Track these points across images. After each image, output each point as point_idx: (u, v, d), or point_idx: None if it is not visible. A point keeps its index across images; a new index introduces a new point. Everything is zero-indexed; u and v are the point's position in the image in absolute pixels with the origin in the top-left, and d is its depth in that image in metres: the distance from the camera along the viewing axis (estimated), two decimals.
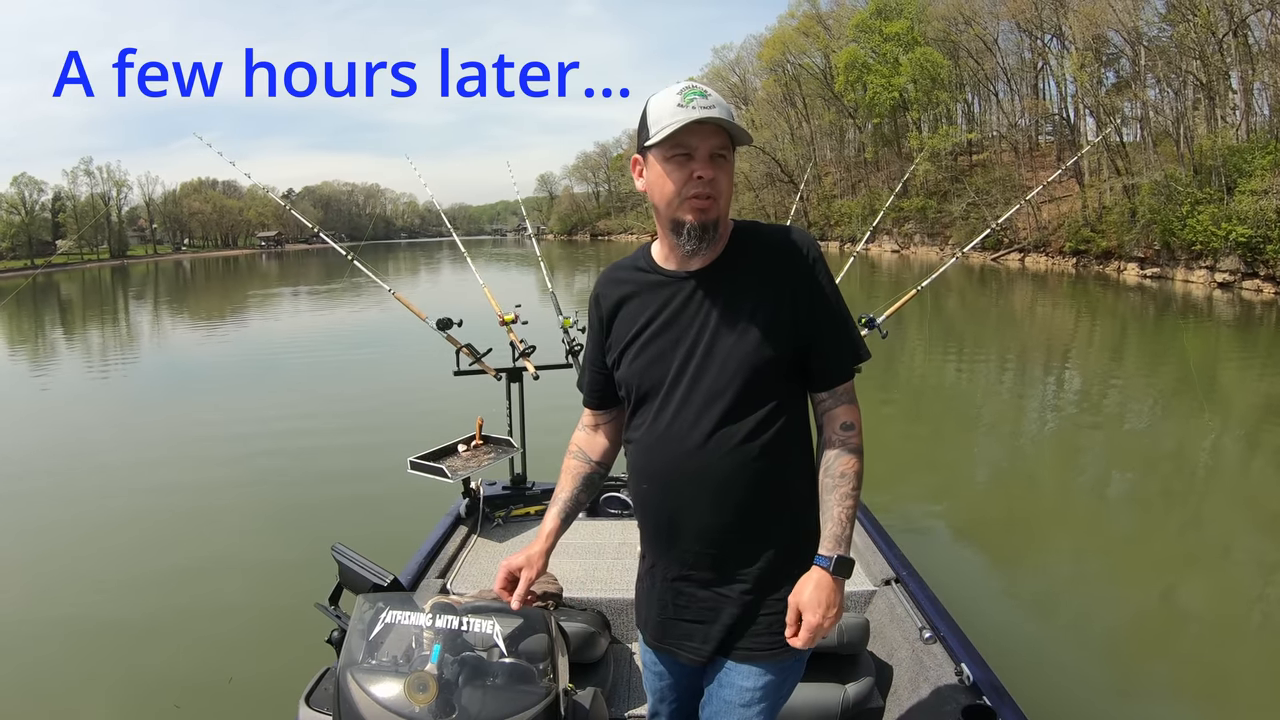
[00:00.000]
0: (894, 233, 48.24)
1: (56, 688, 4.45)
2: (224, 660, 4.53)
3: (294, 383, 13.38)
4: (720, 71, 71.98)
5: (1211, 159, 27.57)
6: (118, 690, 4.39)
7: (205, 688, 4.27)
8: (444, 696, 1.82)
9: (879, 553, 3.67)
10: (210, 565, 5.91)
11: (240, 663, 4.49)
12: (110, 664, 4.64)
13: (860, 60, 51.29)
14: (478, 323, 4.55)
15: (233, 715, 4.05)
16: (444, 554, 3.78)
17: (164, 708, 4.18)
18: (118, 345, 21.70)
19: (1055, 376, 13.58)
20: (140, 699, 4.29)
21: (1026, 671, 3.71)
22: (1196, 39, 29.65)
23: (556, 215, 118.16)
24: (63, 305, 37.67)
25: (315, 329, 21.29)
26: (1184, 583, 5.72)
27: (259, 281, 50.61)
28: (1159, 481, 8.10)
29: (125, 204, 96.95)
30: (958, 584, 4.85)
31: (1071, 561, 6.04)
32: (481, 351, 4.48)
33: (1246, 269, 24.58)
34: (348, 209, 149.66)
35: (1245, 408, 11.15)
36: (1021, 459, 9.00)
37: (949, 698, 2.65)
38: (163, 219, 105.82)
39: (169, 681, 4.39)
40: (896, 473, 8.20)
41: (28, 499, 7.72)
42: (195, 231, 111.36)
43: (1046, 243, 36.32)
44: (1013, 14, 41.91)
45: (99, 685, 4.44)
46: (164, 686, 4.34)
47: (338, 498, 7.34)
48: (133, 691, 4.37)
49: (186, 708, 4.13)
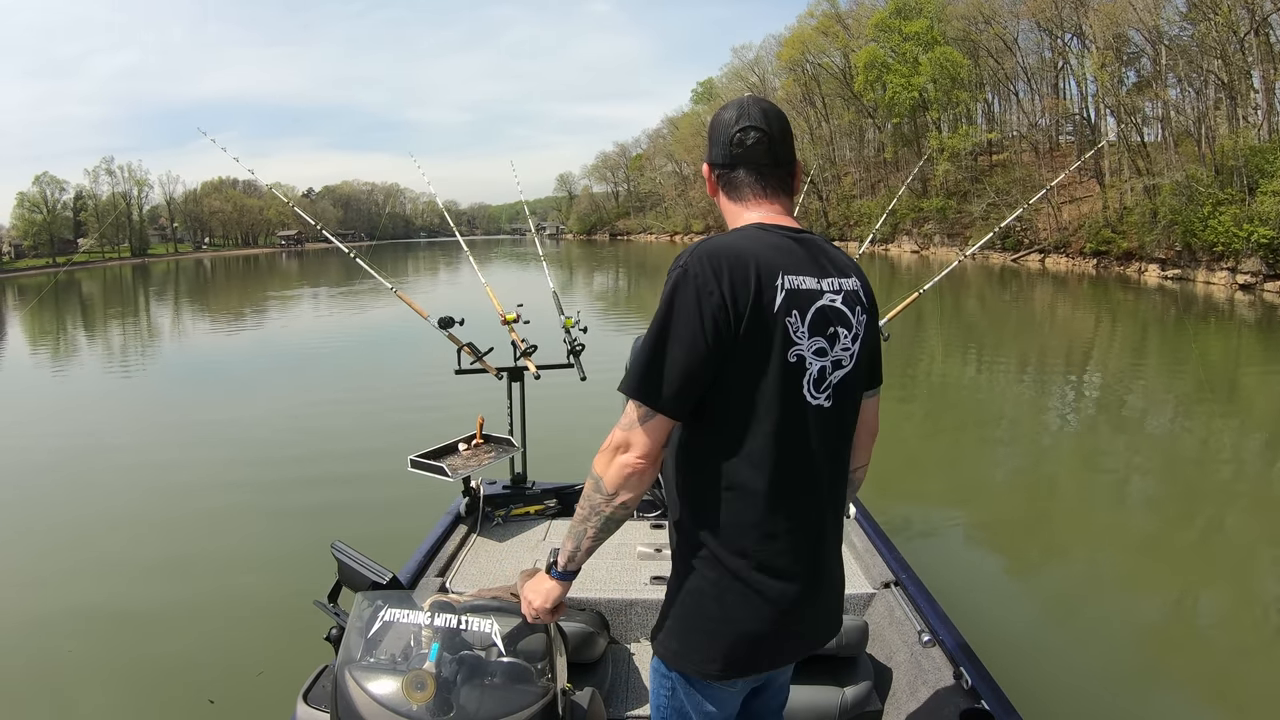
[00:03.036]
0: (914, 233, 48.07)
1: (57, 680, 4.49)
2: (222, 656, 4.57)
3: (295, 382, 13.46)
4: (739, 71, 72.06)
5: (1233, 159, 27.29)
6: (118, 683, 4.43)
7: (204, 684, 4.29)
8: (442, 695, 1.83)
9: (878, 555, 3.66)
10: (209, 561, 5.95)
11: (238, 659, 4.52)
12: (111, 657, 4.68)
13: (880, 60, 51.10)
14: (479, 322, 4.57)
15: (231, 712, 4.07)
16: (443, 552, 3.79)
17: (163, 701, 4.23)
18: (137, 343, 21.89)
19: (1070, 379, 13.46)
20: (140, 693, 4.33)
21: (1026, 676, 3.70)
22: (1218, 38, 29.37)
23: (576, 215, 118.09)
24: (84, 303, 38.02)
25: (325, 329, 21.37)
26: (1187, 589, 5.68)
27: (278, 281, 50.87)
28: (1162, 485, 8.03)
29: (146, 203, 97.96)
30: (957, 587, 4.82)
31: (1073, 566, 6.00)
32: (483, 350, 4.50)
33: (1269, 270, 24.33)
34: (367, 208, 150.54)
35: (1267, 411, 11.04)
36: (1025, 463, 8.94)
37: (948, 701, 2.65)
38: (183, 218, 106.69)
39: (168, 676, 4.43)
40: (901, 474, 8.17)
41: (38, 493, 7.81)
42: (216, 230, 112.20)
43: (1067, 243, 36.08)
44: (1033, 13, 41.66)
45: (100, 678, 4.49)
46: (162, 681, 4.38)
47: (337, 495, 7.35)
48: (133, 685, 4.40)
49: (186, 704, 4.15)
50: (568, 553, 1.78)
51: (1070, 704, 4.04)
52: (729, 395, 1.67)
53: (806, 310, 1.68)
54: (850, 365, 1.76)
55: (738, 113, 1.80)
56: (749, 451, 1.68)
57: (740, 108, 1.81)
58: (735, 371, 1.65)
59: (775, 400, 1.67)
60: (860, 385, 1.83)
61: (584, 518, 1.73)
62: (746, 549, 1.71)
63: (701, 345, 1.61)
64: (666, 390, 1.63)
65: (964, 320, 21.37)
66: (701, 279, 1.61)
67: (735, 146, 1.79)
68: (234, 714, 4.07)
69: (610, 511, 1.70)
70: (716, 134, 1.84)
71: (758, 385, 1.66)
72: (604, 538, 1.75)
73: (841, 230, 55.26)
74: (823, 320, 1.71)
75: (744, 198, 1.81)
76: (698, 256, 1.64)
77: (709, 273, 1.61)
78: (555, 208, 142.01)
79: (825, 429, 1.73)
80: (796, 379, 1.68)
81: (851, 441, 1.87)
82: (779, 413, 1.67)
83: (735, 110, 1.81)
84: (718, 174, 1.85)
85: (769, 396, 1.66)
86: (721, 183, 1.85)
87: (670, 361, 1.63)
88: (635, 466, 1.65)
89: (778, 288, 1.65)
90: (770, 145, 1.79)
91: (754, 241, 1.70)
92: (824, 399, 1.72)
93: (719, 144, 1.82)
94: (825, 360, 1.71)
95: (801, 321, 1.67)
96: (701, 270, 1.62)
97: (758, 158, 1.79)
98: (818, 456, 1.73)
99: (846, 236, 53.79)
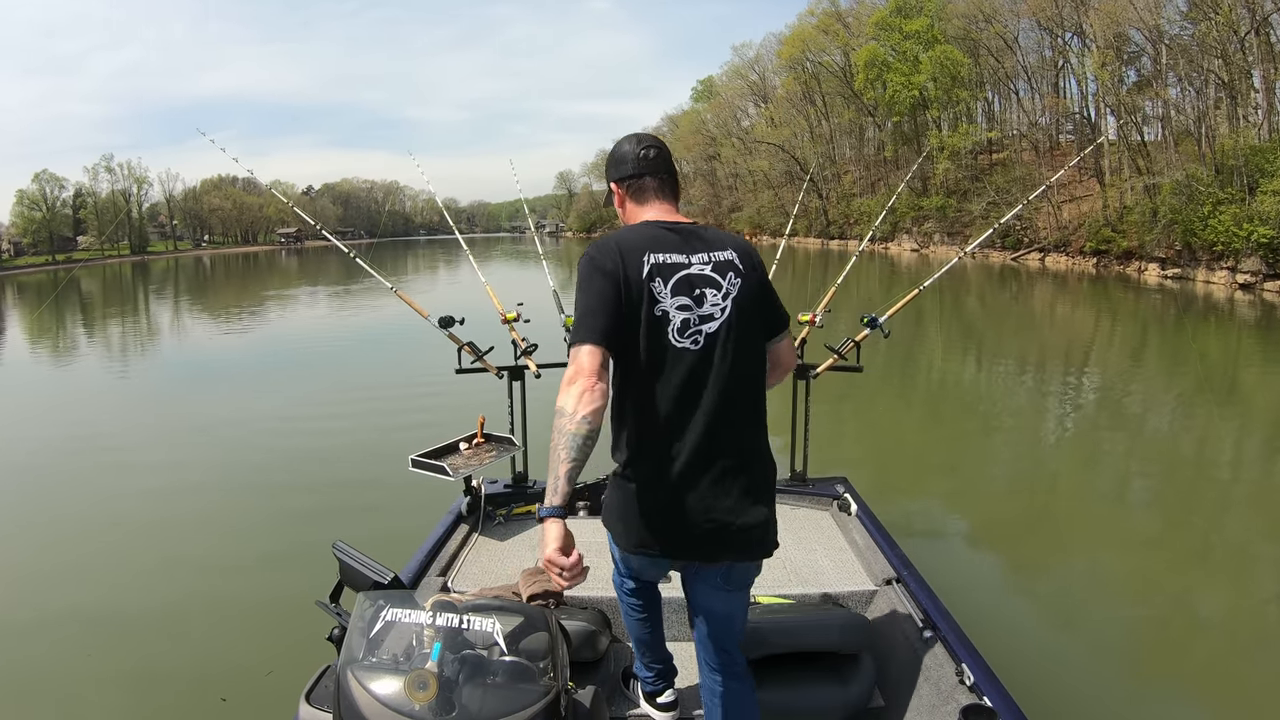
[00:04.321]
0: (913, 232, 48.03)
1: (56, 680, 4.49)
2: (225, 658, 4.57)
3: (295, 383, 13.37)
4: (739, 69, 72.07)
5: (1233, 159, 27.29)
6: (118, 684, 4.43)
7: (205, 686, 4.29)
8: (444, 694, 1.83)
9: (880, 552, 3.68)
10: (210, 561, 5.91)
11: (241, 659, 4.52)
12: (111, 658, 4.67)
13: (880, 58, 51.08)
14: (479, 321, 4.58)
15: (234, 712, 4.07)
16: (445, 552, 3.78)
17: (164, 703, 4.22)
18: (135, 342, 21.84)
19: (1070, 377, 13.46)
20: (140, 694, 4.32)
21: (1027, 672, 3.70)
22: (1218, 37, 29.36)
23: (575, 213, 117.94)
24: (83, 300, 37.97)
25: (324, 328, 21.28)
26: (1188, 586, 5.69)
27: (278, 279, 50.81)
28: (1162, 483, 8.03)
29: (146, 200, 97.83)
30: (959, 584, 4.84)
31: (1074, 563, 6.00)
32: (483, 350, 4.50)
33: (1268, 270, 24.33)
34: (367, 205, 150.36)
35: (1266, 410, 11.05)
36: (1030, 462, 8.94)
37: (949, 697, 2.66)
38: (183, 215, 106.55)
39: (168, 678, 4.42)
40: (903, 471, 8.20)
41: (36, 494, 7.81)
42: (215, 228, 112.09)
43: (1067, 242, 36.07)
44: (1033, 11, 41.62)
45: (100, 678, 4.49)
46: (162, 683, 4.38)
47: (339, 495, 7.32)
48: (132, 686, 4.39)
49: (187, 706, 4.16)
50: (551, 488, 2.12)
51: (1071, 699, 4.05)
52: (626, 345, 2.26)
53: (669, 277, 2.29)
54: (721, 317, 2.32)
55: (638, 141, 2.52)
56: (635, 384, 2.30)
57: (639, 138, 2.53)
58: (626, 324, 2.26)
59: (646, 344, 2.27)
60: (738, 333, 2.34)
61: (555, 446, 2.12)
62: (639, 458, 2.33)
63: (605, 297, 2.25)
64: (591, 329, 2.22)
65: (964, 318, 21.37)
66: (599, 259, 2.30)
67: (643, 161, 2.47)
68: (236, 715, 4.07)
69: (574, 428, 2.10)
70: (624, 156, 2.50)
71: (637, 334, 2.26)
72: (578, 460, 2.11)
73: (841, 228, 55.26)
74: (687, 284, 2.31)
75: (648, 200, 2.47)
76: (596, 247, 2.35)
77: (603, 255, 2.30)
78: (555, 205, 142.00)
79: (692, 367, 2.29)
80: (662, 328, 2.27)
81: (739, 374, 2.34)
82: (647, 354, 2.27)
83: (635, 140, 2.52)
84: (628, 184, 2.49)
85: (643, 342, 2.27)
86: (630, 190, 2.49)
87: (588, 312, 2.25)
88: (584, 385, 2.13)
89: (644, 262, 2.29)
90: (665, 160, 2.50)
91: (633, 233, 2.37)
92: (689, 343, 2.29)
93: (628, 162, 2.49)
94: (689, 314, 2.29)
95: (665, 285, 2.28)
96: (599, 254, 2.31)
97: (659, 169, 2.48)
98: (686, 387, 2.28)
99: (846, 234, 53.81)
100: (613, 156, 2.55)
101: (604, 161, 2.67)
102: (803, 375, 4.62)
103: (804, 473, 4.67)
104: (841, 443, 9.12)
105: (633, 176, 2.47)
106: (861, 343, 4.48)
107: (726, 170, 73.75)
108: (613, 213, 2.57)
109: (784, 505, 4.51)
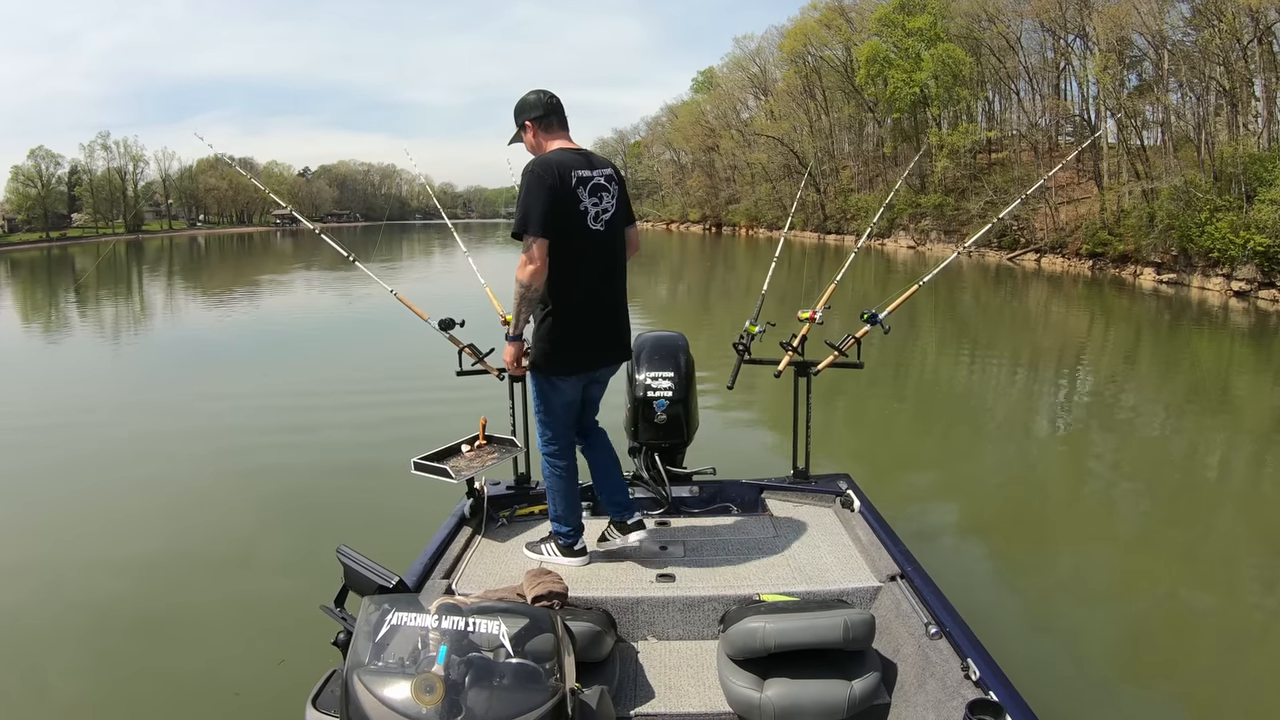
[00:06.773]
0: (911, 229, 47.99)
1: (57, 686, 4.46)
2: (228, 662, 4.55)
3: (295, 382, 13.19)
4: (740, 61, 71.78)
5: (1232, 166, 27.29)
6: (120, 691, 4.40)
7: (209, 690, 4.29)
8: (451, 698, 1.83)
9: (884, 549, 3.69)
10: (214, 567, 5.84)
11: (246, 665, 4.51)
12: (113, 666, 4.65)
13: (882, 54, 50.92)
14: (479, 322, 4.58)
15: (239, 718, 4.08)
16: (449, 555, 3.77)
17: (167, 710, 4.22)
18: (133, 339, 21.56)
19: (1067, 379, 13.51)
20: (143, 702, 4.31)
21: (1033, 667, 3.73)
22: (1221, 45, 29.32)
23: None
24: (76, 278, 37.70)
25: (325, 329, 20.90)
26: (1192, 586, 5.73)
27: (272, 261, 50.52)
28: (1169, 486, 8.06)
29: (141, 179, 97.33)
30: (964, 580, 4.89)
31: (1079, 560, 6.05)
32: (483, 351, 4.49)
33: (1264, 278, 24.35)
34: (363, 189, 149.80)
35: (1257, 417, 11.10)
36: (1030, 459, 8.98)
37: (955, 693, 2.66)
38: (179, 194, 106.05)
39: (168, 681, 4.41)
40: (905, 469, 8.22)
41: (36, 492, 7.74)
42: (211, 208, 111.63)
43: (1063, 244, 36.06)
44: (1037, 13, 41.48)
45: (103, 684, 4.47)
46: (162, 687, 4.37)
47: (341, 499, 7.26)
48: (136, 694, 4.37)
49: (189, 711, 4.16)
50: (516, 328, 3.55)
51: (1077, 695, 4.09)
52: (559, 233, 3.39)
53: (586, 184, 3.45)
54: (613, 209, 3.56)
55: (540, 92, 3.58)
56: (565, 256, 3.43)
57: (539, 90, 3.59)
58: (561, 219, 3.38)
59: (575, 229, 3.44)
60: (620, 223, 3.65)
61: (518, 305, 3.47)
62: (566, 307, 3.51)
63: (549, 202, 3.35)
64: (535, 223, 3.35)
65: (959, 317, 21.42)
66: (545, 175, 3.38)
67: (549, 105, 3.57)
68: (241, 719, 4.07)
69: (529, 295, 3.43)
70: (534, 102, 3.57)
71: (568, 225, 3.40)
72: (530, 312, 3.53)
73: (839, 223, 55.18)
74: (596, 189, 3.49)
75: (554, 134, 3.58)
76: (539, 163, 3.43)
77: (546, 172, 3.38)
78: None
79: (601, 243, 3.55)
80: (584, 219, 3.46)
81: (621, 246, 3.71)
82: (576, 235, 3.44)
83: (537, 92, 3.58)
84: (539, 120, 3.57)
85: (572, 229, 3.43)
86: (541, 125, 3.58)
87: (532, 210, 3.36)
88: (534, 266, 3.37)
89: (572, 175, 3.40)
90: (560, 104, 3.61)
91: (559, 156, 3.47)
92: (600, 227, 3.52)
93: (538, 107, 3.57)
94: (598, 208, 3.49)
95: (584, 189, 3.45)
96: (544, 171, 3.39)
97: (558, 110, 3.61)
98: (601, 258, 3.56)
99: (844, 229, 53.73)
100: (523, 103, 3.59)
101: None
102: (804, 372, 4.64)
103: (806, 470, 4.69)
104: (843, 440, 9.15)
105: (542, 116, 3.57)
106: (862, 339, 4.50)
107: (725, 162, 73.57)
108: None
109: (787, 502, 4.53)
